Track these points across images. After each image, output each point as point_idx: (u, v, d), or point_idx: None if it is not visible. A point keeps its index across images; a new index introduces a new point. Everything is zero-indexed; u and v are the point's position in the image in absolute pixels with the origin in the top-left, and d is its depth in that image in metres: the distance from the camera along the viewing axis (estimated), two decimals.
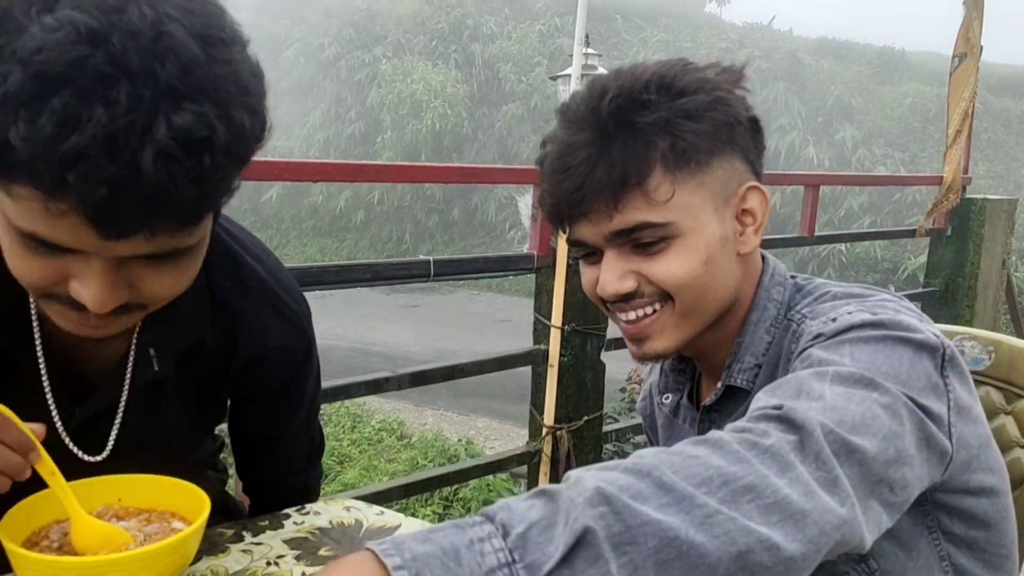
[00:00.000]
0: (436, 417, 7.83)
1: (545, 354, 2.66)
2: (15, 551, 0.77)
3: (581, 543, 0.55)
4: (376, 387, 2.29)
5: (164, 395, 0.93)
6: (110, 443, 0.91)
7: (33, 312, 0.85)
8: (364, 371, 1.08)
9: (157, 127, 0.60)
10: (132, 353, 0.89)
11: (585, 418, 2.70)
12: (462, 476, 2.78)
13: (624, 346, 3.04)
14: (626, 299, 0.90)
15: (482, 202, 16.80)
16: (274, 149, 18.59)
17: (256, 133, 0.68)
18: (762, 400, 0.73)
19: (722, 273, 0.90)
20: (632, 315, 0.91)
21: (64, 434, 0.88)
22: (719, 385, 0.96)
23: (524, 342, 2.80)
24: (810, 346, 0.81)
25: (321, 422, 1.15)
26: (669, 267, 0.88)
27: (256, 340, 0.95)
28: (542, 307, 2.70)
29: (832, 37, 18.72)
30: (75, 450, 0.89)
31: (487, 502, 4.97)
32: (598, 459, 2.80)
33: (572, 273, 2.63)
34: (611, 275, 0.89)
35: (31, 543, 0.84)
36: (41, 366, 0.86)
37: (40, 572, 0.78)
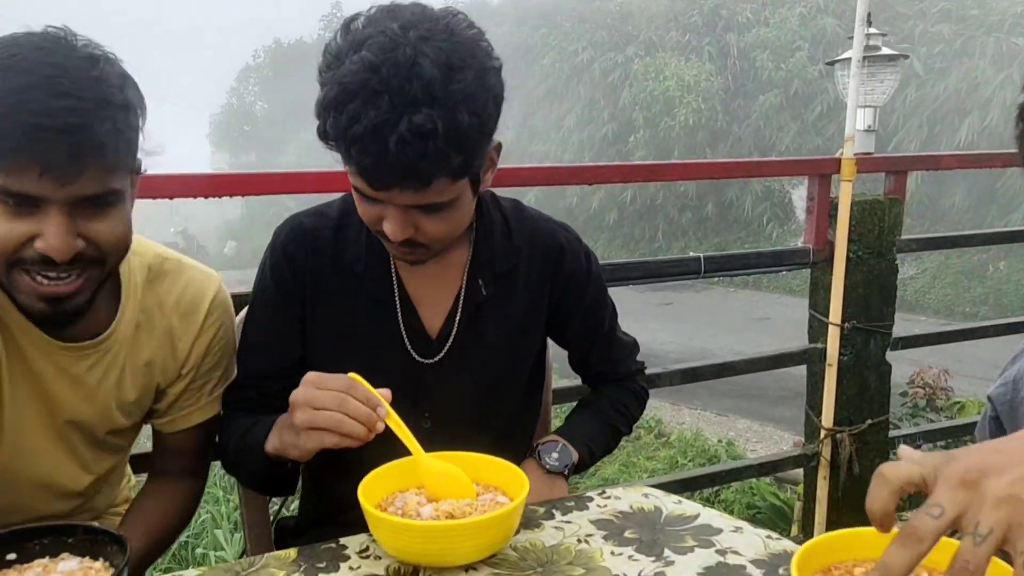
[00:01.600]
0: (694, 416, 7.70)
1: (822, 353, 2.54)
2: (372, 512, 0.91)
3: None
4: (649, 383, 2.31)
5: (490, 314, 1.21)
6: (443, 351, 1.19)
7: (393, 271, 1.19)
8: None
9: (401, 123, 0.91)
10: (464, 284, 1.20)
11: (868, 421, 2.54)
12: (734, 476, 2.74)
13: (908, 346, 2.75)
14: None
15: (737, 197, 16.20)
16: (531, 154, 19.44)
17: (474, 129, 0.96)
18: None
19: None
20: None
21: (411, 349, 1.19)
22: None
23: (786, 342, 2.69)
24: None
25: None
26: None
27: (549, 249, 1.25)
28: (818, 303, 2.58)
29: None
30: (415, 355, 1.19)
31: (750, 505, 4.82)
32: None
33: (852, 267, 2.49)
34: None
35: (381, 508, 0.97)
36: (397, 305, 1.18)
37: (391, 531, 0.91)
